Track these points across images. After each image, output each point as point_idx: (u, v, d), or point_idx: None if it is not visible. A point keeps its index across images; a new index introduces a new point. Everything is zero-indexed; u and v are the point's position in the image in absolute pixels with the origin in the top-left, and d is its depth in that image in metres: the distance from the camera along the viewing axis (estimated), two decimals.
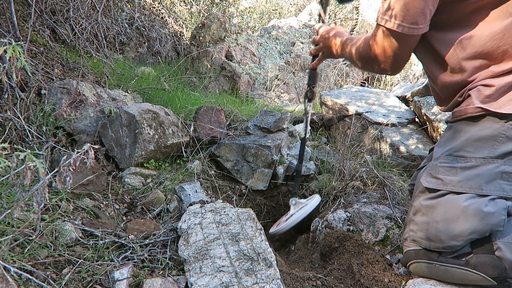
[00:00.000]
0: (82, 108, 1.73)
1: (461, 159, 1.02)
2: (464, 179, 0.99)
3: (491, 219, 0.93)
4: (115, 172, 1.70)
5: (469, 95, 1.04)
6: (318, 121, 2.84)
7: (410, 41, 1.07)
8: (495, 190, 0.96)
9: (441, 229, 0.99)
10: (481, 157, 0.98)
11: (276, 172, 1.97)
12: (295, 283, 1.13)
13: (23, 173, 0.90)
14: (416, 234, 1.06)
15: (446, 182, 1.02)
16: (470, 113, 1.02)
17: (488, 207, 0.94)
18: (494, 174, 0.96)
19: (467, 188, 0.98)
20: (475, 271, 0.95)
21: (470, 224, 0.95)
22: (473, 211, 0.95)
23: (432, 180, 1.05)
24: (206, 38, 3.80)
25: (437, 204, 1.02)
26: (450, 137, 1.08)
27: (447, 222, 0.98)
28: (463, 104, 1.06)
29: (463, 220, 0.96)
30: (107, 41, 2.65)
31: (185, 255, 1.11)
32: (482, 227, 0.94)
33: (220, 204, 1.39)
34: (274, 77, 4.20)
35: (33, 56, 1.81)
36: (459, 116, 1.06)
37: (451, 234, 0.97)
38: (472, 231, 0.95)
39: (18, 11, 1.97)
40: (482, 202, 0.95)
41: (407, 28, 1.01)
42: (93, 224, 1.26)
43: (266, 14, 6.50)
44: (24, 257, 1.00)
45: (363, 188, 1.83)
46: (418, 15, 0.99)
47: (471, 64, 1.03)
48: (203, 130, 2.02)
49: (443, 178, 1.03)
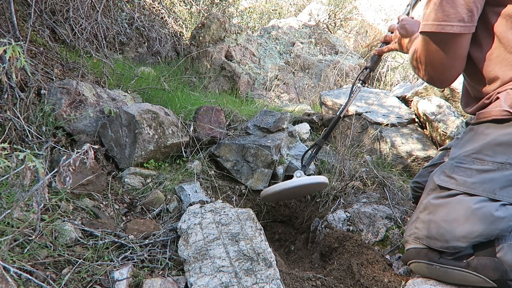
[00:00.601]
0: (82, 108, 1.73)
1: (478, 161, 1.01)
2: (478, 181, 0.98)
3: (501, 224, 0.93)
4: (115, 172, 1.70)
5: (498, 98, 1.02)
6: (318, 121, 2.84)
7: (460, 42, 0.99)
8: (508, 196, 0.95)
9: (447, 229, 0.98)
10: (500, 162, 0.97)
11: (276, 172, 1.97)
12: (294, 283, 1.13)
13: (22, 173, 0.90)
14: (421, 231, 1.06)
15: (460, 182, 1.01)
16: (495, 116, 1.00)
17: (499, 212, 0.93)
18: (510, 180, 0.95)
19: (480, 191, 0.97)
20: (476, 273, 0.95)
21: (478, 227, 0.94)
22: (483, 215, 0.94)
23: (446, 179, 1.04)
24: (206, 38, 3.80)
25: (447, 203, 1.02)
26: (470, 139, 1.07)
27: (455, 223, 0.97)
28: (490, 107, 1.03)
29: (471, 222, 0.95)
30: (107, 41, 2.65)
31: (184, 255, 1.11)
32: (490, 231, 0.93)
33: (220, 204, 1.39)
34: (274, 77, 4.20)
35: (32, 56, 1.81)
36: (483, 118, 1.04)
37: (457, 235, 0.97)
38: (479, 233, 0.94)
39: (17, 11, 1.97)
40: (493, 207, 0.94)
41: (456, 27, 0.94)
42: (93, 224, 1.26)
43: (266, 14, 6.50)
44: (24, 257, 1.00)
45: (363, 188, 1.83)
46: (464, 11, 0.93)
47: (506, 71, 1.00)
48: (203, 130, 2.02)
49: (457, 178, 1.02)
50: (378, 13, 6.83)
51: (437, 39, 0.99)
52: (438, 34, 0.98)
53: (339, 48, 4.95)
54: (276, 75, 4.24)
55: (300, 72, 4.51)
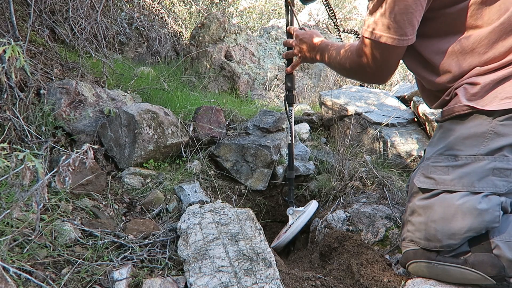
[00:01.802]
0: (82, 108, 1.72)
1: (451, 157, 1.03)
2: (456, 177, 0.99)
3: (486, 216, 0.93)
4: (114, 172, 1.70)
5: (456, 94, 1.05)
6: (318, 121, 2.84)
7: (399, 52, 1.09)
8: (487, 186, 0.96)
9: (438, 229, 0.99)
10: (472, 154, 0.99)
11: (276, 172, 1.97)
12: (294, 283, 1.13)
13: (22, 173, 0.90)
14: (414, 234, 1.07)
15: (439, 182, 1.02)
16: (458, 111, 1.03)
17: (482, 204, 0.94)
18: (486, 170, 0.97)
19: (460, 187, 0.98)
20: (474, 270, 0.95)
21: (466, 222, 0.95)
22: (467, 209, 0.95)
23: (425, 180, 1.06)
24: (205, 38, 3.80)
25: (432, 204, 1.03)
26: (441, 137, 1.09)
27: (444, 221, 0.98)
28: (451, 103, 1.07)
29: (459, 218, 0.96)
30: (107, 41, 2.65)
31: (184, 255, 1.11)
32: (478, 224, 0.94)
33: (220, 204, 1.39)
34: (274, 77, 4.20)
35: (32, 56, 1.81)
36: (447, 115, 1.07)
37: (448, 233, 0.97)
38: (468, 229, 0.95)
39: (17, 11, 1.96)
40: (476, 200, 0.95)
41: (396, 40, 1.04)
42: (92, 224, 1.26)
43: (266, 14, 6.50)
44: (23, 257, 1.00)
45: (363, 188, 1.83)
46: (406, 26, 1.02)
47: (459, 65, 1.06)
48: (203, 130, 2.02)
49: (435, 177, 1.03)
50: None
51: (388, 47, 1.07)
52: (389, 46, 1.06)
53: None
54: (275, 75, 4.24)
55: (300, 72, 4.51)
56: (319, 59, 1.40)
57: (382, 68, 1.14)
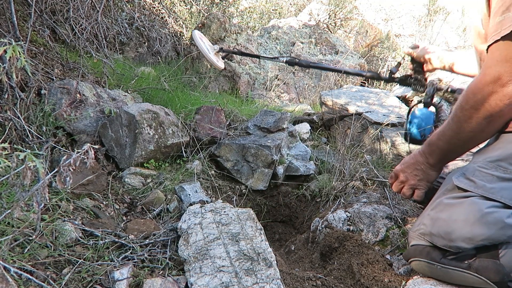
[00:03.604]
0: (82, 108, 1.73)
1: (502, 169, 1.00)
2: (497, 187, 0.98)
3: (510, 231, 0.92)
4: (115, 172, 1.70)
5: None
6: (318, 121, 2.84)
7: None
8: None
9: (454, 227, 0.98)
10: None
11: (276, 172, 1.97)
12: (295, 283, 1.13)
13: (23, 173, 0.90)
14: (427, 228, 1.05)
15: (479, 185, 1.00)
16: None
17: (510, 219, 0.93)
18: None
19: (498, 196, 0.97)
20: (476, 274, 0.94)
21: (486, 231, 0.94)
22: (494, 219, 0.94)
23: (465, 181, 1.04)
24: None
25: (459, 203, 1.01)
26: (498, 146, 1.06)
27: (465, 223, 0.97)
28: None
29: (480, 225, 0.95)
30: (107, 41, 2.65)
31: (185, 255, 1.11)
32: (498, 236, 0.93)
33: (220, 204, 1.39)
34: (274, 77, 4.20)
35: (33, 56, 1.82)
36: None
37: (464, 236, 0.96)
38: (486, 237, 0.94)
39: (18, 11, 1.97)
40: (505, 213, 0.94)
41: None
42: (93, 224, 1.26)
43: (266, 14, 6.50)
44: (24, 257, 1.00)
45: (363, 188, 1.83)
46: None
47: None
48: (203, 130, 2.02)
49: (476, 181, 1.01)
50: (378, 13, 6.84)
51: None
52: None
53: (339, 48, 4.95)
54: (276, 75, 4.24)
55: (300, 72, 4.51)
56: (438, 158, 1.16)
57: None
